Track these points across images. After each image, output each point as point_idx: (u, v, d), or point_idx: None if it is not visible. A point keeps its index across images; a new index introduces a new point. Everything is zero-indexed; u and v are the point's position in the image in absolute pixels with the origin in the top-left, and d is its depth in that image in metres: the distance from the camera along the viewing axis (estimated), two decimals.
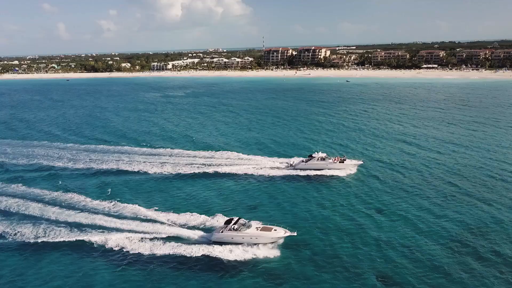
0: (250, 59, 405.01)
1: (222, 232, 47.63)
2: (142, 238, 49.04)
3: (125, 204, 59.86)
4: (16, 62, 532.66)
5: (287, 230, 47.31)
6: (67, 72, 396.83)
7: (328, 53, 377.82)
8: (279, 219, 52.88)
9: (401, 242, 47.10)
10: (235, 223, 48.06)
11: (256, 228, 47.74)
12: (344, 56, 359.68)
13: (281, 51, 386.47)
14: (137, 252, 46.44)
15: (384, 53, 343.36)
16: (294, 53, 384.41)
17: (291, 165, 75.04)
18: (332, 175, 70.54)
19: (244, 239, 46.85)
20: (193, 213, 55.76)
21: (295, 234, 46.94)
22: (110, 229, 51.67)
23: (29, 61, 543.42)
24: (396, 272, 41.42)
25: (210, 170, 74.15)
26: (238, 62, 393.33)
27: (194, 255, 44.80)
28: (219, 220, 52.42)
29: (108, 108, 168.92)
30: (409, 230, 50.21)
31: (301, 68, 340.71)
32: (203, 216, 54.75)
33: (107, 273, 43.24)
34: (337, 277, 41.07)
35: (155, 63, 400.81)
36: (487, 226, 50.57)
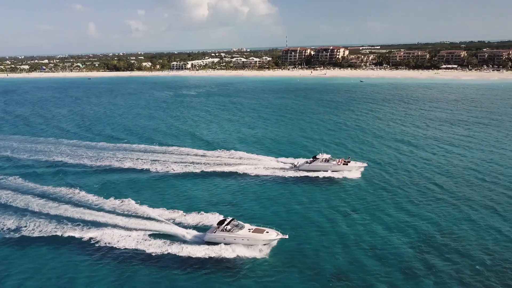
0: (268, 58, 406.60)
1: (214, 232, 47.65)
2: (135, 236, 49.45)
3: (123, 201, 60.50)
4: (46, 61, 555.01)
5: (279, 233, 47.00)
6: (91, 71, 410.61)
7: (347, 53, 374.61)
8: (274, 221, 52.49)
9: (395, 248, 45.94)
10: (227, 224, 47.89)
11: (249, 229, 47.59)
12: (362, 56, 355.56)
13: (299, 50, 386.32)
14: (127, 248, 46.87)
15: (403, 53, 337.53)
16: (312, 53, 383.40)
17: (295, 165, 74.02)
18: (335, 178, 69.13)
19: (236, 240, 46.58)
20: (190, 212, 55.96)
21: (287, 237, 46.55)
22: (105, 225, 52.46)
23: (58, 60, 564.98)
24: (391, 277, 40.71)
25: (213, 169, 74.31)
26: (256, 61, 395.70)
27: (185, 254, 45.00)
28: (215, 220, 52.14)
29: (119, 106, 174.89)
30: (405, 236, 48.74)
31: (318, 68, 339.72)
32: (199, 215, 54.90)
33: (94, 269, 43.87)
34: (323, 283, 40.32)
35: (175, 63, 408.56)
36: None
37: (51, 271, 44.16)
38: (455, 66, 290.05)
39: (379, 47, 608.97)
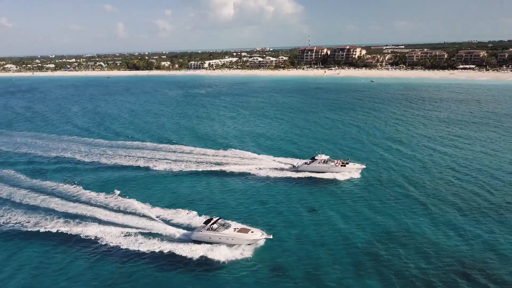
0: (285, 58, 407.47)
1: (201, 231, 48.27)
2: (125, 233, 50.69)
3: (120, 198, 62.02)
4: (73, 60, 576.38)
5: (264, 233, 47.39)
6: (112, 70, 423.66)
7: (363, 52, 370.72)
8: (264, 221, 53.09)
9: (386, 253, 45.13)
10: (213, 223, 48.50)
11: (234, 229, 47.97)
12: (378, 56, 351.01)
13: (316, 50, 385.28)
14: (117, 246, 48.08)
15: (421, 53, 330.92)
16: (328, 52, 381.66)
17: (294, 166, 73.85)
18: (332, 179, 68.49)
19: (221, 240, 47.18)
20: (184, 210, 56.87)
21: (271, 237, 46.92)
22: (98, 222, 54.01)
23: (84, 59, 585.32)
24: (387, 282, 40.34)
25: (213, 168, 75.17)
26: (272, 61, 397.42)
27: (171, 253, 45.90)
28: (205, 219, 52.71)
29: (128, 104, 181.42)
30: (400, 240, 47.78)
31: (332, 68, 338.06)
32: (191, 213, 55.81)
33: (83, 265, 45.32)
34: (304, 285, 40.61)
35: (193, 62, 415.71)
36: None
37: (37, 266, 45.67)
38: (473, 66, 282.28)
39: (403, 46, 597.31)
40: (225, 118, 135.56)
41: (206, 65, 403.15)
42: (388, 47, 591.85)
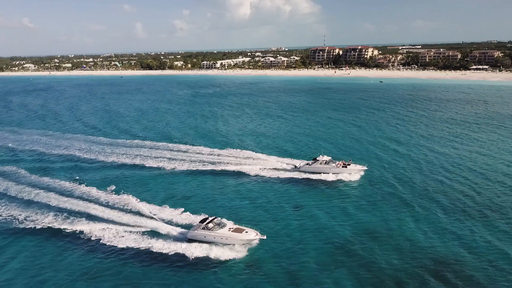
0: (296, 58, 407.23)
1: (196, 230, 48.73)
2: (123, 230, 51.66)
3: (119, 196, 63.02)
4: (90, 59, 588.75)
5: (258, 233, 47.59)
6: (126, 70, 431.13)
7: (376, 52, 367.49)
8: (259, 221, 53.40)
9: (384, 257, 44.73)
10: (209, 222, 48.96)
11: (229, 229, 48.31)
12: (390, 56, 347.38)
13: (327, 50, 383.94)
14: (112, 243, 48.91)
15: (433, 53, 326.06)
16: (340, 52, 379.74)
17: (296, 167, 73.76)
18: (333, 180, 68.03)
19: (216, 239, 47.52)
20: (181, 209, 57.60)
21: (265, 237, 47.22)
22: (97, 219, 55.02)
23: (101, 59, 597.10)
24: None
25: (216, 167, 75.83)
26: (284, 61, 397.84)
27: (165, 251, 46.61)
28: (201, 218, 53.18)
29: (137, 103, 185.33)
30: (397, 245, 47.30)
31: (343, 68, 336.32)
32: (188, 212, 56.55)
33: (71, 259, 46.59)
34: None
35: (205, 62, 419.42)
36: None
37: (34, 263, 46.73)
38: (486, 67, 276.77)
39: (419, 46, 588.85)
40: (230, 117, 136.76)
41: (218, 65, 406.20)
42: (404, 47, 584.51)
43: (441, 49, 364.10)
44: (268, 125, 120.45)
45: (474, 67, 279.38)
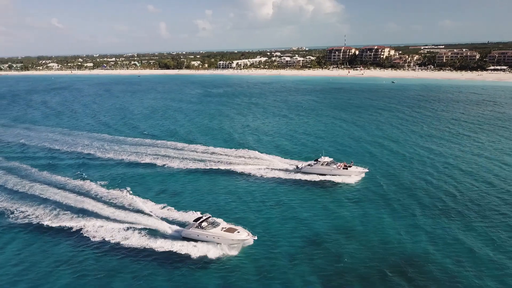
0: (312, 58, 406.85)
1: (190, 229, 49.57)
2: (121, 228, 52.78)
3: (122, 193, 64.68)
4: (113, 59, 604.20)
5: (249, 233, 47.87)
6: (144, 69, 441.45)
7: (392, 52, 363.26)
8: (252, 222, 53.91)
9: (362, 267, 43.82)
10: (203, 221, 49.60)
11: (222, 228, 48.69)
12: (406, 57, 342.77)
13: (343, 50, 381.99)
14: (108, 239, 50.13)
15: (451, 53, 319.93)
16: (356, 52, 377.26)
17: (297, 167, 73.47)
18: (332, 182, 67.44)
19: (208, 238, 48.06)
20: (180, 207, 58.79)
21: (256, 238, 47.62)
22: (95, 216, 56.40)
23: (123, 59, 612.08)
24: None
25: (219, 166, 76.79)
26: (299, 61, 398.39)
27: (159, 249, 47.43)
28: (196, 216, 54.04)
29: (150, 101, 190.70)
30: (390, 251, 46.28)
31: (358, 68, 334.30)
32: (186, 210, 57.80)
33: (66, 257, 47.46)
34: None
35: (221, 62, 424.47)
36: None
37: (27, 258, 48.01)
38: (504, 67, 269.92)
39: (442, 46, 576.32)
40: (236, 116, 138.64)
41: (234, 64, 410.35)
42: (426, 47, 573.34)
43: (463, 49, 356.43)
44: (273, 125, 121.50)
45: (492, 67, 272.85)
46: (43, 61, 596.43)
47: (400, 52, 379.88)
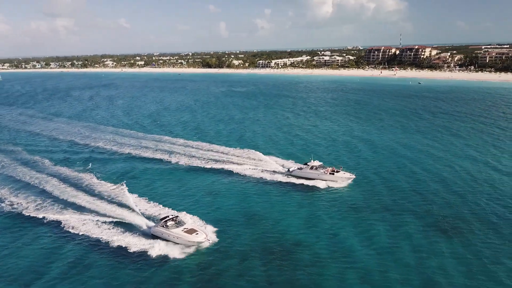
0: (351, 58, 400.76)
1: (157, 227, 50.78)
2: (97, 221, 54.61)
3: (109, 185, 67.24)
4: (168, 57, 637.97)
5: (207, 235, 48.42)
6: (188, 68, 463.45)
7: (434, 52, 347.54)
8: (225, 222, 54.36)
9: (336, 275, 42.48)
10: (168, 220, 50.67)
11: (184, 229, 49.14)
12: (446, 57, 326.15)
13: (383, 50, 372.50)
14: (78, 232, 52.08)
15: (496, 54, 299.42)
16: (396, 52, 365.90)
17: (288, 170, 73.38)
18: (315, 186, 66.50)
19: (170, 237, 48.85)
20: (162, 204, 60.44)
21: (216, 240, 48.68)
22: (76, 208, 59.02)
23: (177, 57, 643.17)
24: None
25: (211, 165, 78.10)
26: (338, 60, 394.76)
27: (121, 243, 48.72)
28: (183, 215, 54.77)
29: (170, 101, 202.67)
30: (363, 264, 44.13)
31: (393, 68, 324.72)
32: (161, 205, 59.80)
33: (36, 248, 49.61)
34: None
35: (261, 61, 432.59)
36: None
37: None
38: None
39: (507, 46, 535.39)
40: (246, 117, 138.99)
41: (272, 64, 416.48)
42: (488, 46, 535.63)
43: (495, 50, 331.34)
44: (274, 124, 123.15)
45: None
46: (102, 59, 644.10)
47: (455, 52, 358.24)
